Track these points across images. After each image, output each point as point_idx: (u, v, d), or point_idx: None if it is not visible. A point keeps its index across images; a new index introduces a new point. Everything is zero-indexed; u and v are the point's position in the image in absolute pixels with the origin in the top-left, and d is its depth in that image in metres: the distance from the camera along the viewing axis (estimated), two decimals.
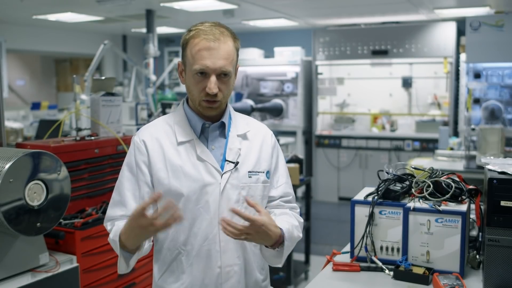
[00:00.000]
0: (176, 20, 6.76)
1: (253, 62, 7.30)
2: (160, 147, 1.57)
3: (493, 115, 5.84)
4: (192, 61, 1.51)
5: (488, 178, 1.57)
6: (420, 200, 1.78)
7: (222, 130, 1.62)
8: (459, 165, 4.30)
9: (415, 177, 1.91)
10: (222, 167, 1.56)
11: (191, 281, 1.55)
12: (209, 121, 1.60)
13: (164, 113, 5.65)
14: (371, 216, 1.78)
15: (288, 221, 1.57)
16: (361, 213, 1.81)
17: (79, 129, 2.90)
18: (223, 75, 1.52)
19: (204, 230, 1.54)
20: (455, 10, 5.94)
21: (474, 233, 1.89)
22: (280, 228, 1.50)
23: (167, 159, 1.55)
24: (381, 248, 1.79)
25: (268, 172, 1.64)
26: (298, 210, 1.69)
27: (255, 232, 1.42)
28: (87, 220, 2.50)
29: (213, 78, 1.50)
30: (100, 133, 2.86)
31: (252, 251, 1.61)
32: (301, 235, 1.62)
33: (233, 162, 1.57)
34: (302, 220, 1.67)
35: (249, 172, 1.59)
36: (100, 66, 8.31)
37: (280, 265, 1.59)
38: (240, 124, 1.66)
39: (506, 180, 1.55)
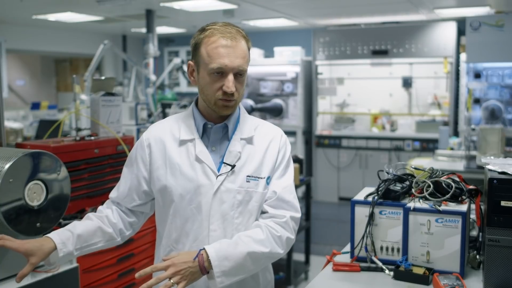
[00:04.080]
0: (176, 20, 6.76)
1: (253, 62, 7.21)
2: (163, 145, 1.59)
3: (493, 115, 5.84)
4: (209, 59, 1.49)
5: (488, 178, 1.57)
6: (420, 200, 1.77)
7: (227, 132, 1.60)
8: (459, 165, 4.30)
9: (415, 177, 1.91)
10: (219, 170, 1.55)
11: None
12: (211, 122, 1.59)
13: (163, 113, 5.65)
14: (371, 216, 1.78)
15: (231, 240, 1.46)
16: (361, 213, 1.81)
17: (79, 129, 2.90)
18: (239, 74, 1.51)
19: (195, 230, 1.54)
20: (455, 10, 5.94)
21: (474, 233, 1.89)
22: (202, 248, 1.41)
23: (167, 156, 1.57)
24: (381, 248, 1.79)
25: (269, 177, 1.59)
26: (285, 219, 1.52)
27: (175, 273, 1.35)
28: None
29: (230, 77, 1.48)
30: (100, 133, 2.87)
31: None
32: (267, 250, 1.46)
33: (230, 165, 1.54)
34: (286, 233, 1.51)
35: (247, 176, 1.55)
36: (100, 66, 8.30)
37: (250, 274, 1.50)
38: (247, 127, 1.62)
39: (506, 180, 1.55)
